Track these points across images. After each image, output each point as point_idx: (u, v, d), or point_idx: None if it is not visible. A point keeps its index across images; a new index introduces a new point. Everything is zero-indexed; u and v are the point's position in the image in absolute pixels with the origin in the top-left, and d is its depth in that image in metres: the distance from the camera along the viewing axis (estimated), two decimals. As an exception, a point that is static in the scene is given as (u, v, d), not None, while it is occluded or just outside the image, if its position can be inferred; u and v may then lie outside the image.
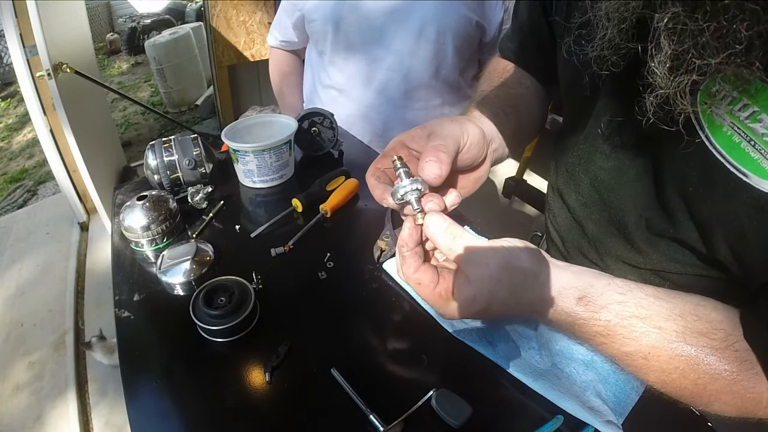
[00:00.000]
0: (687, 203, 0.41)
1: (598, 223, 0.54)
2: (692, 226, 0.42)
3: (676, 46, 0.30)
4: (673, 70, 0.32)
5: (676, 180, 0.42)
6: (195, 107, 3.67)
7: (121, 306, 0.56)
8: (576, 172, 0.55)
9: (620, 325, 0.38)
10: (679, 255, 0.47)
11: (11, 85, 4.41)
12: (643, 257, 0.51)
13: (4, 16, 1.57)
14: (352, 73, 1.04)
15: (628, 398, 0.45)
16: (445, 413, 0.42)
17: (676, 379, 0.38)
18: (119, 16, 5.77)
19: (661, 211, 0.45)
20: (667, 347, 0.37)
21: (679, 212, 0.43)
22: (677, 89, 0.32)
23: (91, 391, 1.50)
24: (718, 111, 0.35)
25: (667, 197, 0.43)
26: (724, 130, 0.35)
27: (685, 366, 0.37)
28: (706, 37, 0.28)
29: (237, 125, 0.80)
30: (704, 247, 0.43)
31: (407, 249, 0.38)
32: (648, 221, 0.47)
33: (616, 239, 0.53)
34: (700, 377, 0.37)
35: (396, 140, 0.46)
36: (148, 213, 0.61)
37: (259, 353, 0.49)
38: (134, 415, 0.44)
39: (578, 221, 0.58)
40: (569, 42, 0.46)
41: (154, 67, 3.54)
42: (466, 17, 0.95)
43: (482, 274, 0.36)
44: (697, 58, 0.30)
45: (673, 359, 0.37)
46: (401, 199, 0.38)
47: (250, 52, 2.47)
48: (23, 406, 1.44)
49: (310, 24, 1.03)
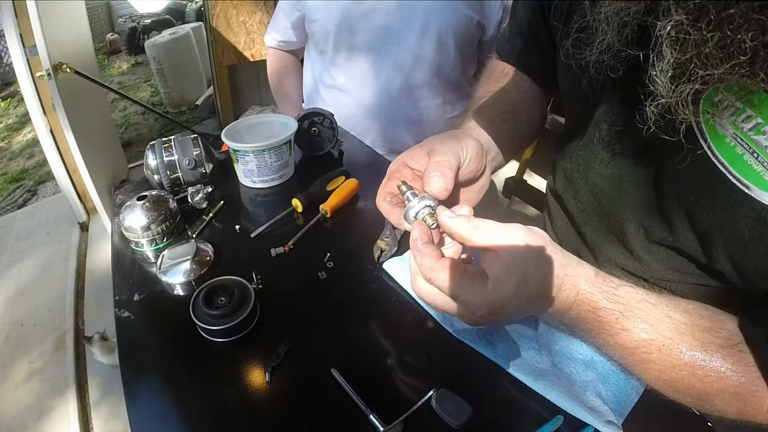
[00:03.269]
0: (687, 213, 0.41)
1: (597, 230, 0.54)
2: (692, 236, 0.42)
3: (678, 55, 0.30)
4: (675, 79, 0.31)
5: (676, 189, 0.41)
6: (195, 107, 3.67)
7: (121, 306, 0.56)
8: (575, 178, 0.54)
9: (636, 308, 0.37)
10: (677, 264, 0.47)
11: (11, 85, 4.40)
12: (641, 265, 0.50)
13: (4, 16, 1.57)
14: (355, 73, 1.04)
15: (628, 398, 0.45)
16: (445, 413, 0.42)
17: (685, 376, 0.37)
18: (119, 16, 5.77)
19: (661, 219, 0.44)
20: (679, 339, 0.36)
21: (678, 221, 0.42)
22: (679, 98, 0.32)
23: (91, 391, 1.50)
24: (721, 121, 0.34)
25: (666, 206, 0.43)
26: (726, 141, 0.34)
27: (695, 361, 0.36)
28: (710, 47, 0.28)
29: (237, 125, 0.80)
30: (704, 257, 0.42)
31: (422, 242, 0.37)
32: (647, 229, 0.47)
33: (614, 246, 0.52)
34: (707, 375, 0.36)
35: (397, 160, 0.46)
36: (148, 213, 0.61)
37: (259, 353, 0.49)
38: (134, 415, 0.44)
39: (577, 227, 0.58)
40: (567, 45, 0.45)
41: (154, 67, 3.54)
42: (468, 16, 0.95)
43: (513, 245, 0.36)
44: (699, 68, 0.29)
45: (683, 353, 0.36)
46: (415, 218, 0.39)
47: (250, 52, 2.47)
48: (23, 406, 1.44)
49: (311, 24, 1.03)
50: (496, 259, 0.36)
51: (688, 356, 0.36)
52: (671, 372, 0.37)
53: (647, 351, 0.37)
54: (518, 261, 0.35)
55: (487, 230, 0.36)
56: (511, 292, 0.35)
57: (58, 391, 1.48)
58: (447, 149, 0.42)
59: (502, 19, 1.01)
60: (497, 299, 0.35)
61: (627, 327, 0.37)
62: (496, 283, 0.35)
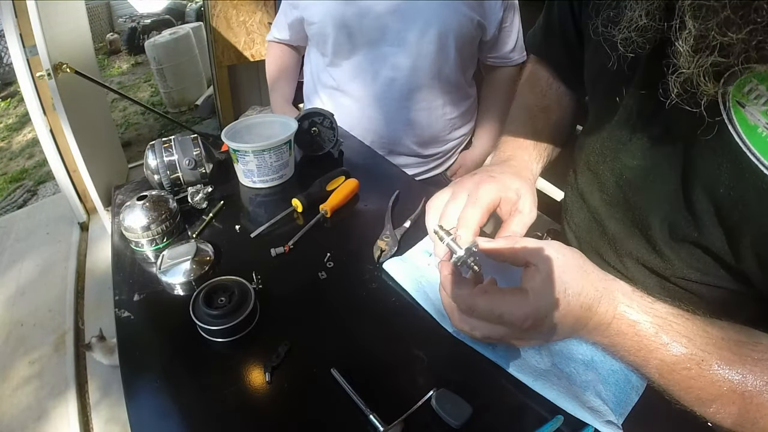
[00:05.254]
0: (716, 206, 0.40)
1: (621, 223, 0.53)
2: (719, 232, 0.41)
3: (700, 24, 0.30)
4: (698, 50, 0.31)
5: (705, 182, 0.40)
6: (195, 107, 3.67)
7: (121, 306, 0.56)
8: (601, 170, 0.54)
9: (674, 322, 0.37)
10: (701, 263, 0.46)
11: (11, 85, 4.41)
12: (663, 261, 0.49)
13: (4, 16, 1.57)
14: (355, 75, 1.04)
15: (628, 398, 0.45)
16: (445, 413, 0.42)
17: (725, 392, 0.35)
18: (119, 16, 5.78)
19: (688, 213, 0.43)
20: (717, 354, 0.35)
21: (706, 216, 0.41)
22: (700, 70, 0.32)
23: (91, 391, 1.50)
24: (753, 111, 0.34)
25: (695, 199, 0.42)
26: (759, 131, 0.34)
27: (734, 377, 0.35)
28: (728, 12, 0.28)
29: (237, 125, 0.80)
30: (730, 254, 0.42)
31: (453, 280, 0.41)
32: (672, 224, 0.46)
33: (637, 241, 0.52)
34: (747, 390, 0.35)
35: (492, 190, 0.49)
36: (148, 213, 0.61)
37: (259, 353, 0.49)
38: (134, 415, 0.44)
39: (599, 221, 0.57)
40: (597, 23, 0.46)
41: (154, 67, 3.54)
42: (468, 17, 0.95)
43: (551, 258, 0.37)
44: (719, 34, 0.29)
45: (722, 368, 0.35)
46: (460, 266, 0.43)
47: (250, 52, 2.47)
48: (23, 406, 1.44)
49: (310, 26, 1.02)
50: (535, 273, 0.37)
51: (728, 371, 0.35)
52: (712, 388, 0.36)
53: (687, 367, 0.36)
54: (557, 273, 0.36)
55: (526, 245, 0.39)
56: (552, 302, 0.36)
57: (58, 392, 1.48)
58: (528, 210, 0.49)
59: (503, 19, 1.00)
60: (540, 309, 0.36)
61: (666, 342, 0.37)
62: (536, 294, 0.36)
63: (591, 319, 0.38)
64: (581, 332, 0.40)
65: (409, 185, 0.79)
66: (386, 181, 0.80)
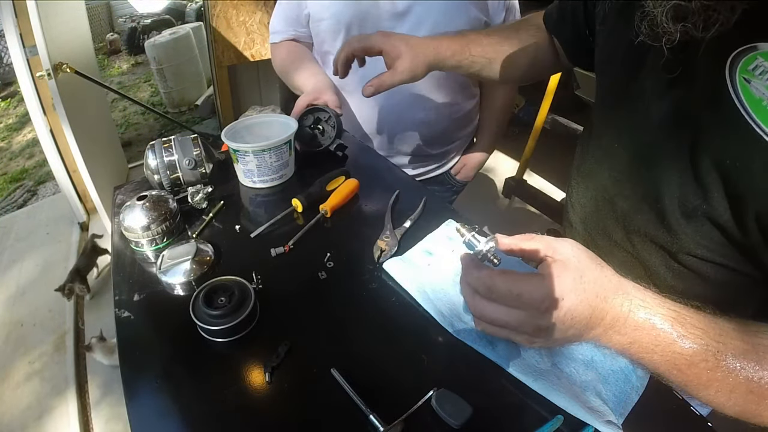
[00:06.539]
0: (723, 177, 0.42)
1: (630, 199, 0.55)
2: (725, 203, 0.43)
3: None
4: None
5: (714, 153, 0.42)
6: (195, 107, 3.67)
7: (121, 306, 0.56)
8: (614, 147, 0.56)
9: (686, 314, 0.38)
10: (708, 239, 0.47)
11: (11, 85, 4.41)
12: (671, 237, 0.51)
13: (4, 16, 1.57)
14: (363, 74, 1.03)
15: (628, 398, 0.45)
16: (445, 413, 0.42)
17: (742, 382, 0.36)
18: (119, 16, 5.78)
19: (697, 185, 0.45)
20: (731, 344, 0.36)
21: (713, 186, 0.43)
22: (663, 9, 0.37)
23: (91, 391, 1.50)
24: (758, 86, 0.37)
25: (703, 171, 0.44)
26: (764, 104, 0.36)
27: (750, 367, 0.36)
28: None
29: (237, 125, 0.80)
30: (735, 227, 0.43)
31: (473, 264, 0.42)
32: (682, 196, 0.47)
33: (646, 216, 0.53)
34: (762, 378, 0.36)
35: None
36: (148, 213, 0.61)
37: (259, 353, 0.49)
38: (134, 415, 0.44)
39: (608, 199, 0.58)
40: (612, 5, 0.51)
41: (154, 67, 3.55)
42: (477, 18, 0.95)
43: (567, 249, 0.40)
44: None
45: (737, 358, 0.36)
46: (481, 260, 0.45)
47: (250, 52, 2.47)
48: (23, 406, 1.44)
49: (318, 24, 1.01)
50: (551, 262, 0.39)
51: (742, 361, 0.36)
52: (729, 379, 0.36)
53: (705, 359, 0.37)
54: (573, 261, 0.39)
55: (543, 241, 0.42)
56: (569, 284, 0.38)
57: (58, 391, 1.48)
58: None
59: (504, 20, 1.00)
60: (558, 289, 0.37)
61: (683, 333, 0.37)
62: (554, 277, 0.38)
63: (608, 313, 0.38)
64: (598, 329, 0.39)
65: (409, 185, 0.79)
66: (386, 181, 0.80)
